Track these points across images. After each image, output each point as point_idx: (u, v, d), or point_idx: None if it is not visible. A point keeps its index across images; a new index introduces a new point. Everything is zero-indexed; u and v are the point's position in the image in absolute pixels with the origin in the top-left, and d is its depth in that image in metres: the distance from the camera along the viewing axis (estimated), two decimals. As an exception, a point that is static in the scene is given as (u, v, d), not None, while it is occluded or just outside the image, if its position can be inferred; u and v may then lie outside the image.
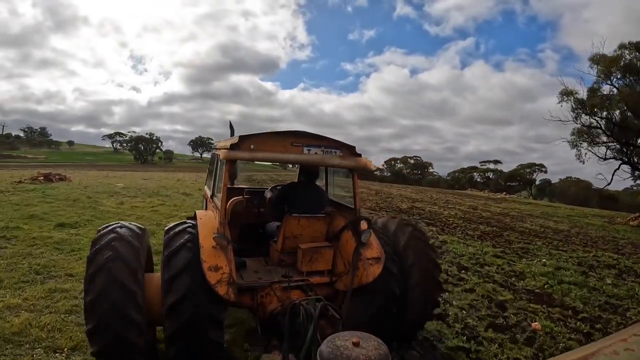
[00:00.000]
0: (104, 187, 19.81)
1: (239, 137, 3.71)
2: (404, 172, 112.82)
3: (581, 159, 32.70)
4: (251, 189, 6.00)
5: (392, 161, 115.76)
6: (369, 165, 4.10)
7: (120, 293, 3.25)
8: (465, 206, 25.84)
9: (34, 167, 55.84)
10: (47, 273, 6.62)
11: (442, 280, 5.10)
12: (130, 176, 33.68)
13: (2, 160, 70.96)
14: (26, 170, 31.48)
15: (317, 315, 3.29)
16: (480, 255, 10.42)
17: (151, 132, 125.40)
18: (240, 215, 5.54)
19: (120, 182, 23.86)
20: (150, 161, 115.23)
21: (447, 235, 13.32)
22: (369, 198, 25.54)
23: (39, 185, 18.91)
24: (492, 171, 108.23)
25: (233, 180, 6.24)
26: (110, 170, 51.97)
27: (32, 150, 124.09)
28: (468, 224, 16.48)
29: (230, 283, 3.40)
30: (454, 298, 6.92)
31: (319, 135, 4.02)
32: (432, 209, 21.53)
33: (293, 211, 4.37)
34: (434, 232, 13.76)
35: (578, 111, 31.70)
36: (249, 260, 4.52)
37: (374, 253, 4.09)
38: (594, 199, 51.26)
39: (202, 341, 3.34)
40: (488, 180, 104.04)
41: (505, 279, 8.27)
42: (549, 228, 17.68)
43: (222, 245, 3.55)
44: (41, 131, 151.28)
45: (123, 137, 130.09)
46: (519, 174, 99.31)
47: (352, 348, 1.96)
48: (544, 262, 10.08)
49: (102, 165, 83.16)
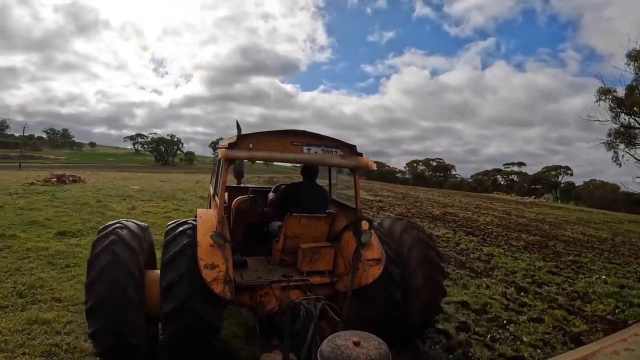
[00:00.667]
0: (118, 190, 18.89)
1: (237, 136, 3.71)
2: (425, 174, 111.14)
3: (618, 161, 30.89)
4: (256, 188, 5.96)
5: (414, 163, 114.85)
6: (369, 165, 4.06)
7: (119, 299, 3.27)
8: (498, 211, 24.69)
9: (54, 167, 56.34)
10: (31, 296, 5.55)
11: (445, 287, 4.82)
12: (148, 178, 33.02)
13: (24, 160, 71.66)
14: (44, 171, 31.15)
15: (318, 314, 3.27)
16: (534, 271, 9.43)
17: (172, 134, 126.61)
18: (245, 214, 5.58)
19: (136, 185, 23.00)
20: (171, 162, 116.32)
21: (491, 246, 12.07)
22: (397, 203, 24.28)
23: (50, 187, 18.10)
24: (516, 174, 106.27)
25: (240, 179, 6.25)
26: (130, 172, 51.85)
27: (54, 151, 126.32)
28: (508, 233, 15.33)
29: (227, 281, 3.38)
30: (522, 332, 5.74)
31: (319, 134, 3.97)
32: (466, 215, 20.13)
33: (294, 211, 4.32)
34: (475, 243, 12.41)
35: (617, 110, 29.91)
36: (251, 259, 4.51)
37: (374, 254, 4.02)
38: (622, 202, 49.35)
39: (198, 347, 3.39)
40: (512, 183, 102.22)
41: (570, 303, 7.30)
42: (592, 236, 16.82)
43: (219, 244, 3.53)
44: (63, 133, 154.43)
45: (144, 138, 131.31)
46: (544, 177, 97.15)
47: (353, 347, 1.93)
48: (604, 279, 9.28)
49: (122, 166, 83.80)
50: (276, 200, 4.88)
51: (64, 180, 20.13)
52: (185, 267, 3.38)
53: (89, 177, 28.82)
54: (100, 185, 21.17)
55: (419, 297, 4.25)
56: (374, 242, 4.11)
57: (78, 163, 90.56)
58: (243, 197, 5.66)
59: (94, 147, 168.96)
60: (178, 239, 3.58)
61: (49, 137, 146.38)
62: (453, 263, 9.32)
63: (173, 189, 21.82)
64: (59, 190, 16.94)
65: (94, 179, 26.90)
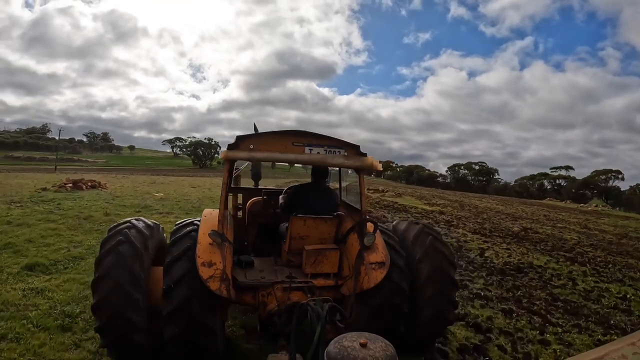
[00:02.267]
0: (137, 198, 16.43)
1: (237, 137, 3.72)
2: (467, 178, 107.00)
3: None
4: (270, 190, 5.91)
5: (456, 167, 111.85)
6: (375, 165, 3.90)
7: (121, 300, 3.33)
8: (573, 224, 21.52)
9: (90, 170, 56.01)
10: None
11: None
12: (178, 182, 30.82)
13: (62, 163, 72.23)
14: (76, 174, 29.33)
15: (325, 315, 3.18)
16: None
17: (210, 137, 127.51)
18: (258, 215, 5.61)
19: (162, 191, 20.57)
20: (208, 166, 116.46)
21: (612, 283, 8.78)
22: (462, 215, 20.79)
23: (61, 193, 15.88)
24: (563, 178, 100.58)
25: (257, 181, 6.22)
26: (163, 175, 50.59)
27: (93, 154, 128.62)
28: (610, 256, 12.16)
29: (224, 279, 3.40)
30: None
31: (321, 134, 3.91)
32: (546, 230, 16.70)
33: (300, 212, 4.31)
34: (593, 278, 9.08)
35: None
36: (260, 260, 4.54)
37: (378, 257, 3.87)
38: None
39: (195, 349, 3.43)
40: (560, 187, 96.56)
41: None
42: None
43: (217, 242, 3.55)
44: (103, 136, 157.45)
45: (183, 142, 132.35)
46: (593, 181, 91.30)
47: (360, 349, 1.93)
48: None
49: (158, 169, 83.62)
50: (284, 201, 4.93)
51: (81, 185, 17.92)
52: (184, 272, 3.42)
53: (115, 181, 26.97)
54: (120, 191, 18.85)
55: (428, 310, 4.05)
56: (378, 245, 3.95)
57: (114, 166, 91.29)
58: (257, 199, 5.73)
59: (133, 151, 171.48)
60: (180, 242, 3.61)
61: (89, 141, 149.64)
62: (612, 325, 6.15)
63: (202, 197, 19.06)
64: (69, 198, 14.64)
65: (119, 183, 24.82)
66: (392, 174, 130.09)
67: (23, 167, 60.69)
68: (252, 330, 4.48)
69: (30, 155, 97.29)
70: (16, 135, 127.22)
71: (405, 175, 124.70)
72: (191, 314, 3.32)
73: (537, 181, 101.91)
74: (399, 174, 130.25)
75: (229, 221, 4.10)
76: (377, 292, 3.76)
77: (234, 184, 5.72)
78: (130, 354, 3.48)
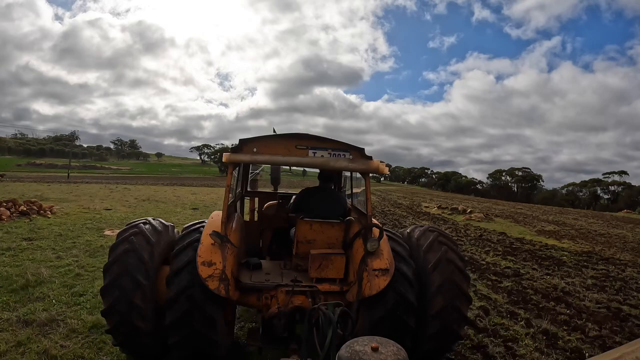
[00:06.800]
0: (96, 234, 11.16)
1: (240, 140, 3.71)
2: (510, 185, 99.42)
3: None
4: (284, 194, 6.00)
5: (498, 173, 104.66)
6: (381, 169, 3.81)
7: (128, 283, 3.46)
8: None
9: (111, 178, 52.49)
10: None
11: None
12: (187, 196, 25.93)
13: (80, 170, 69.22)
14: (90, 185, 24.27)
15: (336, 320, 3.08)
16: None
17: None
18: (272, 219, 5.64)
19: (159, 208, 15.29)
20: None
21: None
22: (618, 255, 14.26)
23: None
24: (617, 184, 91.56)
25: (276, 185, 6.27)
26: (180, 185, 46.25)
27: (120, 161, 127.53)
28: None
29: (223, 279, 3.37)
30: None
31: (325, 137, 3.82)
32: None
33: (304, 215, 4.27)
34: None
35: None
36: (270, 263, 4.50)
37: (381, 264, 3.67)
38: None
39: (195, 336, 3.40)
40: (617, 195, 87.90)
41: None
42: None
43: (217, 243, 3.53)
44: (131, 143, 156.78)
45: (210, 149, 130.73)
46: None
47: (371, 353, 1.89)
48: None
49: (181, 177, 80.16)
50: (292, 205, 4.91)
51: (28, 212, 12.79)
52: (188, 259, 3.45)
53: (104, 195, 22.25)
54: (58, 221, 13.67)
55: (436, 325, 3.79)
56: (383, 251, 3.75)
57: (138, 173, 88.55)
58: (272, 203, 5.83)
59: (161, 158, 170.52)
60: (188, 235, 3.69)
61: (116, 148, 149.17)
62: None
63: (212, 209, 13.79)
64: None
65: (91, 203, 19.81)
66: (426, 181, 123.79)
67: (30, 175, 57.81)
68: (254, 331, 4.28)
69: (53, 163, 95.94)
70: (43, 142, 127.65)
71: (441, 183, 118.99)
72: (191, 301, 3.33)
73: (590, 188, 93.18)
74: (434, 181, 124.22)
75: (236, 223, 4.05)
76: (380, 301, 3.57)
77: (251, 188, 6.15)
78: (134, 340, 3.57)
